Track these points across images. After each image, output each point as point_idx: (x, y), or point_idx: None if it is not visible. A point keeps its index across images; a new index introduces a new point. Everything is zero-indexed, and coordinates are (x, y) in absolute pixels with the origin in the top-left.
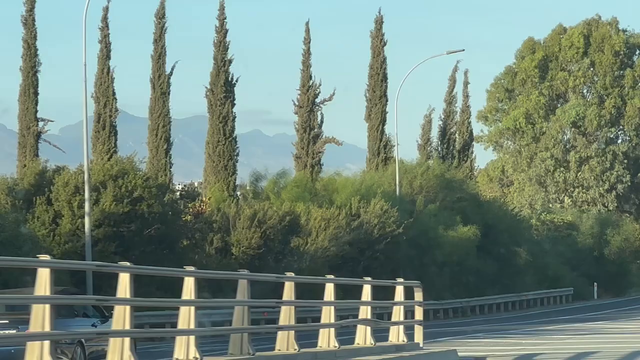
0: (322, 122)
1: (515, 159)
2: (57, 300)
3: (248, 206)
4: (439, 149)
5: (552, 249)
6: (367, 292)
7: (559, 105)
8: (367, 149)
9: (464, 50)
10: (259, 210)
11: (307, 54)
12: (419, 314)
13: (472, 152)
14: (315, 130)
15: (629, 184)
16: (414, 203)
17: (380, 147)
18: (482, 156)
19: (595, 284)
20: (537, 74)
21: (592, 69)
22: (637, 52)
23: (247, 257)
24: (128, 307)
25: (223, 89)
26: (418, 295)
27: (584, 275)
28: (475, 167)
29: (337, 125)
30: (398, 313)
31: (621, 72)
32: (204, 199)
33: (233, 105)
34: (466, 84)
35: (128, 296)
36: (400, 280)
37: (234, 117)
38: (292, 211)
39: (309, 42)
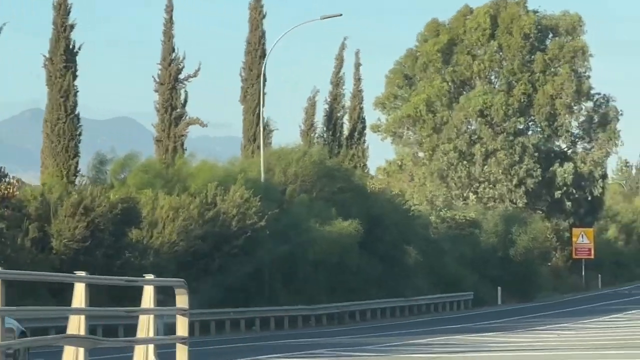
0: (185, 101)
1: (415, 152)
2: None
3: (76, 191)
4: (324, 136)
5: (452, 248)
6: (80, 295)
7: (463, 92)
8: (242, 135)
9: (341, 15)
10: (86, 195)
11: (169, 23)
12: (182, 327)
13: (364, 141)
14: (178, 110)
15: (540, 178)
16: (285, 193)
17: (257, 132)
18: (381, 148)
19: (499, 288)
20: (440, 58)
21: (499, 53)
22: (550, 35)
23: (70, 251)
24: None
25: (63, 58)
26: (181, 300)
27: (487, 278)
28: (367, 157)
29: (214, 107)
30: (146, 326)
31: (531, 56)
32: (12, 181)
33: (75, 77)
34: (358, 65)
35: None
36: (150, 277)
37: (76, 91)
38: (128, 198)
39: (172, 10)
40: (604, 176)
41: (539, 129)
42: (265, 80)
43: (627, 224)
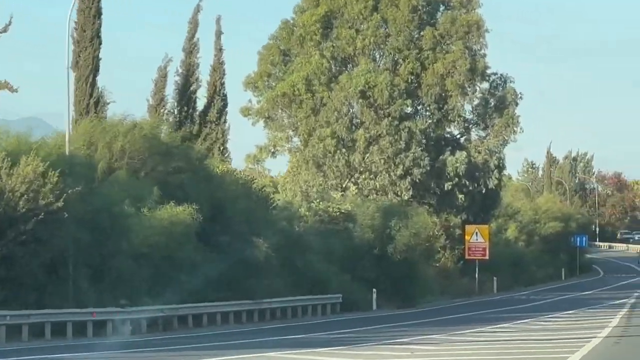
0: None
1: (290, 136)
2: None
3: None
4: (174, 111)
5: (320, 244)
6: None
7: (345, 71)
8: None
9: None
10: None
11: None
12: None
13: (224, 121)
14: None
15: (428, 168)
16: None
17: (91, 104)
18: (254, 134)
19: (374, 290)
20: (319, 31)
21: (384, 27)
22: (441, 8)
23: None
24: None
25: None
26: None
27: (361, 279)
28: (227, 140)
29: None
30: None
31: (420, 31)
32: None
33: None
34: (219, 34)
35: None
36: None
37: None
38: None
39: None
40: (501, 167)
41: (427, 113)
42: (100, 43)
43: (528, 223)
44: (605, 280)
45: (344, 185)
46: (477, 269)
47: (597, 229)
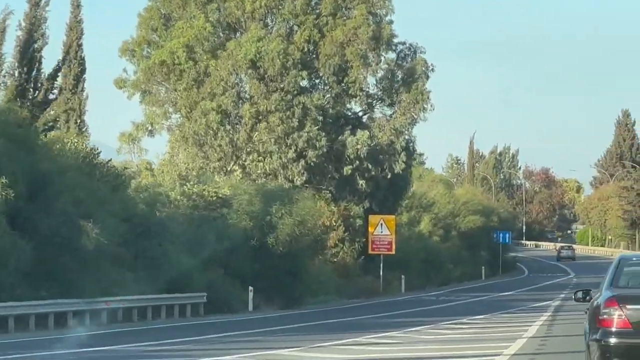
0: None
1: (169, 112)
2: None
3: None
4: (14, 73)
5: (191, 234)
6: None
7: (233, 37)
8: None
9: None
10: None
11: None
12: None
13: (82, 89)
14: None
15: (325, 150)
16: None
17: None
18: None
19: (250, 288)
20: None
21: None
22: None
23: None
24: None
25: None
26: None
27: (236, 275)
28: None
29: None
30: None
31: None
32: None
33: None
34: None
35: None
36: None
37: None
38: None
39: None
40: (410, 150)
41: (325, 87)
42: None
43: (446, 216)
44: (530, 280)
45: (228, 169)
46: (381, 265)
47: (524, 227)
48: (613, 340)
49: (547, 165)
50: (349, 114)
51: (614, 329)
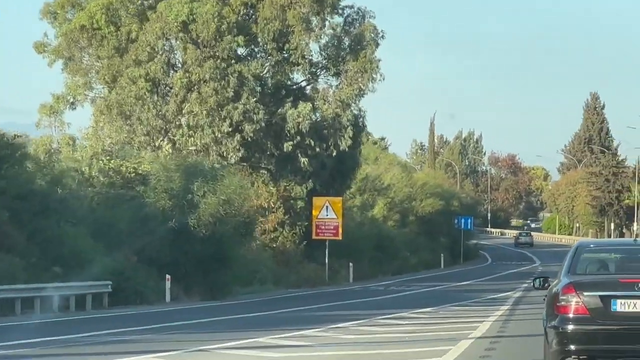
0: None
1: (91, 81)
2: None
3: None
4: None
5: (102, 214)
6: None
7: None
8: None
9: None
10: None
11: None
12: None
13: None
14: None
15: (264, 124)
16: None
17: None
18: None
19: (168, 277)
20: None
21: None
22: None
23: None
24: None
25: None
26: None
27: (150, 261)
28: None
29: None
30: None
31: None
32: None
33: None
34: None
35: None
36: None
37: None
38: None
39: None
40: (359, 125)
41: (264, 54)
42: None
43: (402, 201)
44: (493, 268)
45: (156, 144)
46: (327, 252)
47: (489, 214)
48: (570, 327)
49: (513, 152)
50: (290, 84)
51: (571, 316)
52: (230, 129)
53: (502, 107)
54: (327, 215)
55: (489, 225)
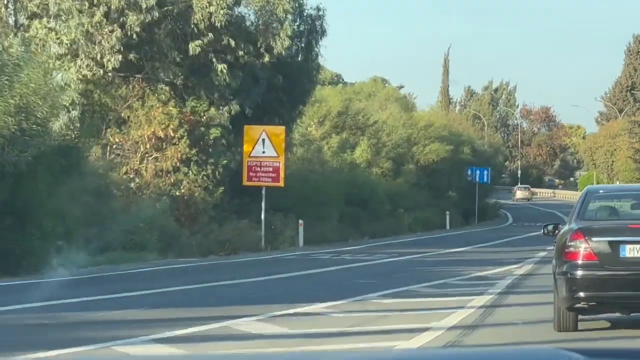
0: None
1: None
2: None
3: None
4: None
5: None
6: None
7: None
8: None
9: None
10: None
11: None
12: None
13: None
14: None
15: (157, 14)
16: None
17: None
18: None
19: None
20: None
21: None
22: None
23: None
24: None
25: None
26: None
27: None
28: None
29: None
30: None
31: None
32: None
33: None
34: None
35: None
36: None
37: None
38: None
39: None
40: (315, 28)
41: None
42: None
43: (398, 144)
44: (508, 230)
45: (6, 43)
46: (263, 204)
47: (520, 172)
48: (579, 273)
49: (547, 105)
50: None
51: (580, 262)
52: (106, 21)
53: (535, 55)
54: (263, 151)
55: (519, 183)
